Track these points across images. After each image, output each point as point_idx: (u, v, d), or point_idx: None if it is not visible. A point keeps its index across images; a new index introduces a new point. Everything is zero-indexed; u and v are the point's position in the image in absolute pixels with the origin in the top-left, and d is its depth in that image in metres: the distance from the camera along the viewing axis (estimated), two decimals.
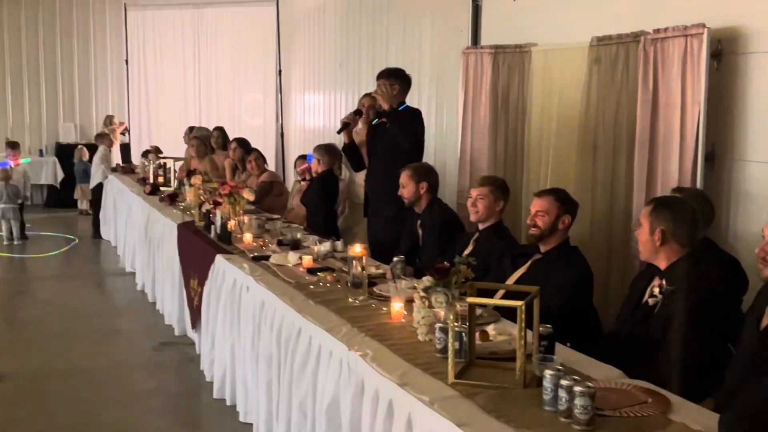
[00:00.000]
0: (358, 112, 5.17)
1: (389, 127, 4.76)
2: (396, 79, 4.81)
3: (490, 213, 3.83)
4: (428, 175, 4.38)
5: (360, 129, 5.51)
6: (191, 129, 8.87)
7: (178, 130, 9.57)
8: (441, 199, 4.54)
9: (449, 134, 6.21)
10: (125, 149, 10.99)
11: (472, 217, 3.90)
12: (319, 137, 8.68)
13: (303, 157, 6.83)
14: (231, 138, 7.74)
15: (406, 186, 4.35)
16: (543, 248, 3.39)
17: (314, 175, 5.74)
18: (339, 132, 5.17)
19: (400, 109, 4.76)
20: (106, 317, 5.85)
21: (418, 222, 4.39)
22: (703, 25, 3.69)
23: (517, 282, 3.34)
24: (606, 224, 4.39)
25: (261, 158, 6.77)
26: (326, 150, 5.69)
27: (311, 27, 9.24)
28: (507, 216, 4.19)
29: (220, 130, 8.17)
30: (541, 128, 4.93)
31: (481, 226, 3.89)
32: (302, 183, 6.13)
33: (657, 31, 3.94)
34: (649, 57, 3.99)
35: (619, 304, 3.13)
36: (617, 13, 4.41)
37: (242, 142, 7.25)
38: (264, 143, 9.67)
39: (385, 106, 4.74)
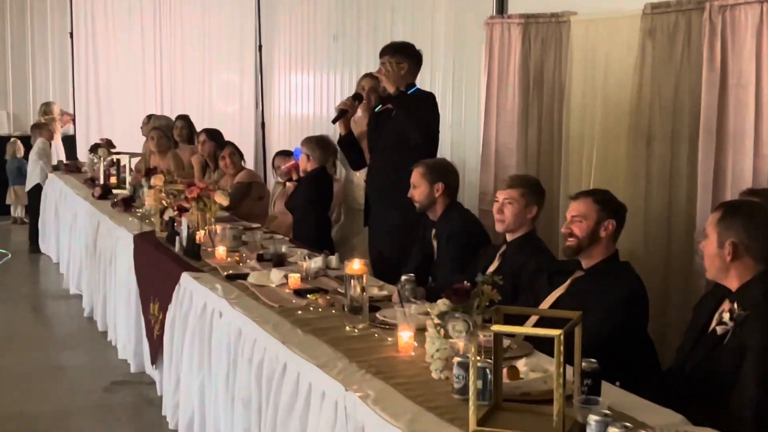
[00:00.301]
0: (357, 97, 5.19)
1: (395, 114, 4.77)
2: (403, 55, 4.82)
3: (520, 221, 3.84)
4: (445, 174, 4.39)
5: (359, 118, 5.52)
6: (150, 118, 8.90)
7: (135, 119, 9.60)
8: (461, 203, 4.54)
9: (469, 124, 6.22)
10: (69, 143, 11.02)
11: (498, 227, 3.91)
12: (308, 128, 8.67)
13: (285, 153, 6.84)
14: (198, 129, 7.77)
15: (418, 186, 4.36)
16: (585, 263, 3.39)
17: (302, 174, 5.75)
18: (334, 121, 5.19)
19: (408, 92, 4.77)
20: (46, 350, 5.85)
21: (433, 232, 4.40)
22: None
23: (553, 306, 3.34)
24: (663, 234, 4.39)
25: (237, 154, 6.79)
26: (317, 143, 5.71)
27: None
28: (541, 225, 4.20)
29: (184, 119, 8.18)
30: (583, 116, 4.94)
31: (509, 238, 3.89)
32: (288, 184, 6.15)
33: None
34: (716, 28, 3.99)
35: (680, 333, 3.12)
36: None
37: (213, 134, 7.27)
38: (240, 135, 9.68)
39: (391, 89, 4.75)
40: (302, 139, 5.85)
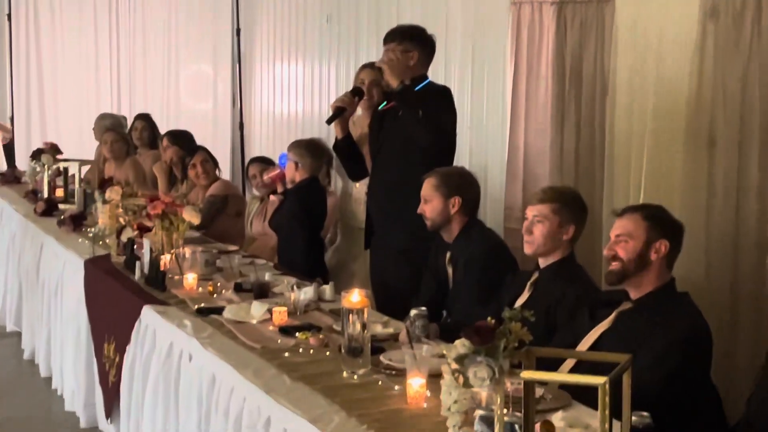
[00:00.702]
0: (357, 93, 5.19)
1: (403, 114, 4.78)
2: (413, 42, 4.83)
3: (553, 243, 3.83)
4: (463, 186, 4.39)
5: (360, 118, 5.51)
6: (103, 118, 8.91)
7: (86, 118, 9.61)
8: (482, 221, 4.53)
9: (492, 124, 6.23)
10: (7, 149, 11.02)
11: (526, 248, 3.91)
12: (296, 129, 8.69)
13: (262, 161, 6.82)
14: (163, 131, 7.77)
15: (430, 201, 4.37)
16: (634, 293, 3.39)
17: (289, 186, 5.75)
18: (329, 122, 5.18)
19: (418, 87, 4.78)
20: None
21: (447, 256, 4.40)
22: None
23: (596, 346, 3.33)
24: (729, 259, 4.38)
25: (210, 161, 6.79)
26: (308, 149, 5.71)
27: None
28: (581, 247, 4.18)
29: (144, 119, 8.19)
30: (631, 115, 4.94)
31: (541, 263, 3.89)
32: (271, 198, 6.16)
33: None
34: None
35: (751, 380, 3.11)
36: None
37: (178, 138, 7.28)
38: (214, 138, 9.71)
39: (394, 83, 4.75)
40: (289, 144, 5.85)
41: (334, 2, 8.33)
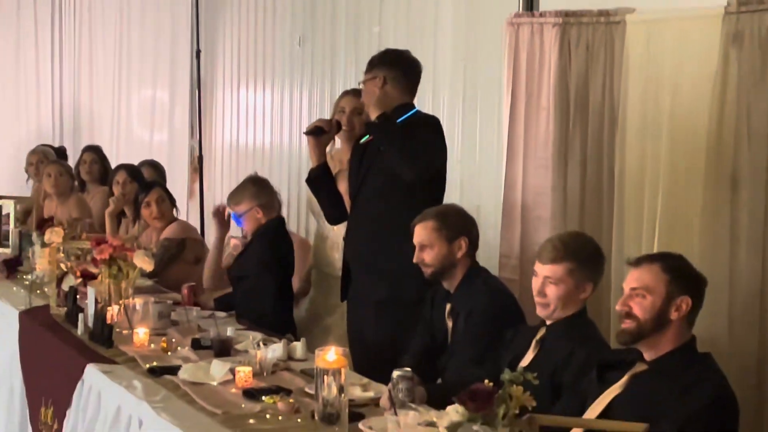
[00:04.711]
0: (339, 126, 5.22)
1: (384, 148, 4.77)
2: (391, 67, 4.87)
3: (572, 303, 3.84)
4: (467, 225, 4.42)
5: (339, 151, 5.52)
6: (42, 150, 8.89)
7: (23, 150, 9.57)
8: (486, 268, 4.55)
9: (486, 160, 6.24)
10: None
11: (541, 312, 3.91)
12: (262, 163, 8.68)
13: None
14: (114, 164, 7.77)
15: (432, 247, 4.36)
16: (649, 354, 3.38)
17: (248, 236, 5.71)
18: (308, 132, 5.14)
19: (403, 118, 4.80)
20: None
21: (448, 308, 4.39)
22: None
23: (606, 413, 3.32)
24: (755, 315, 4.37)
25: (167, 200, 6.76)
26: (257, 184, 5.69)
27: None
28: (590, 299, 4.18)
29: (94, 151, 8.18)
30: (644, 151, 4.94)
31: (548, 319, 3.89)
32: (233, 242, 6.14)
33: None
34: None
35: None
36: None
37: (136, 173, 7.28)
38: (170, 172, 9.66)
39: (374, 115, 4.76)
40: (228, 198, 5.80)
41: (307, 21, 8.36)
